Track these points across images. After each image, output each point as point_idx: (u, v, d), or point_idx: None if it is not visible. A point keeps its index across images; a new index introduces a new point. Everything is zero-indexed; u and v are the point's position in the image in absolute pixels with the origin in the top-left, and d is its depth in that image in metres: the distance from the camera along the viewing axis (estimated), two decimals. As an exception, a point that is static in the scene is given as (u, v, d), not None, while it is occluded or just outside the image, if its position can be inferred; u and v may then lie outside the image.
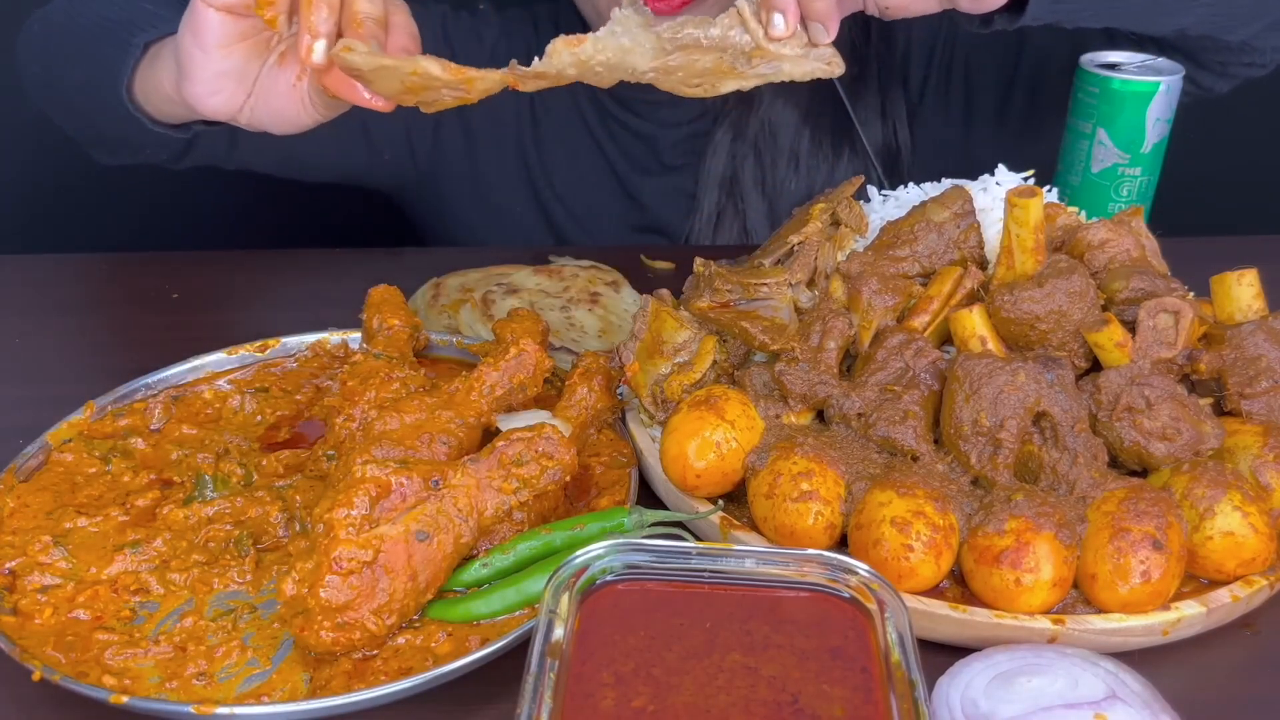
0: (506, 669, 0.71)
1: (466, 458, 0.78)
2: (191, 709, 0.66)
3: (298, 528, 0.81)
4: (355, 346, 1.03)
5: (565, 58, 0.82)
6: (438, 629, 0.72)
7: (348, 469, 0.74)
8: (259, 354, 1.02)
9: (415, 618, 0.73)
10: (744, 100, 1.33)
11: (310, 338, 1.04)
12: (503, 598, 0.73)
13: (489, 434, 0.85)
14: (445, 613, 0.73)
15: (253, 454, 0.89)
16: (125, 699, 0.66)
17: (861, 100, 1.36)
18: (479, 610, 0.73)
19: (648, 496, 0.88)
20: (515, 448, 0.78)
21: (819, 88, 1.30)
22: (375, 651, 0.71)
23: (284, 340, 1.03)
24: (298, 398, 0.97)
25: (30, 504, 0.83)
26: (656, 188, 1.41)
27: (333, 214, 1.76)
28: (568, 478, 0.80)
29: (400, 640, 0.72)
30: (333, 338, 1.04)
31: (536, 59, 0.82)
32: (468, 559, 0.76)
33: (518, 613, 0.73)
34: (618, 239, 1.43)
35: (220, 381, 0.99)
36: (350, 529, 0.70)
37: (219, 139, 1.16)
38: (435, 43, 1.30)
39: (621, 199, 1.42)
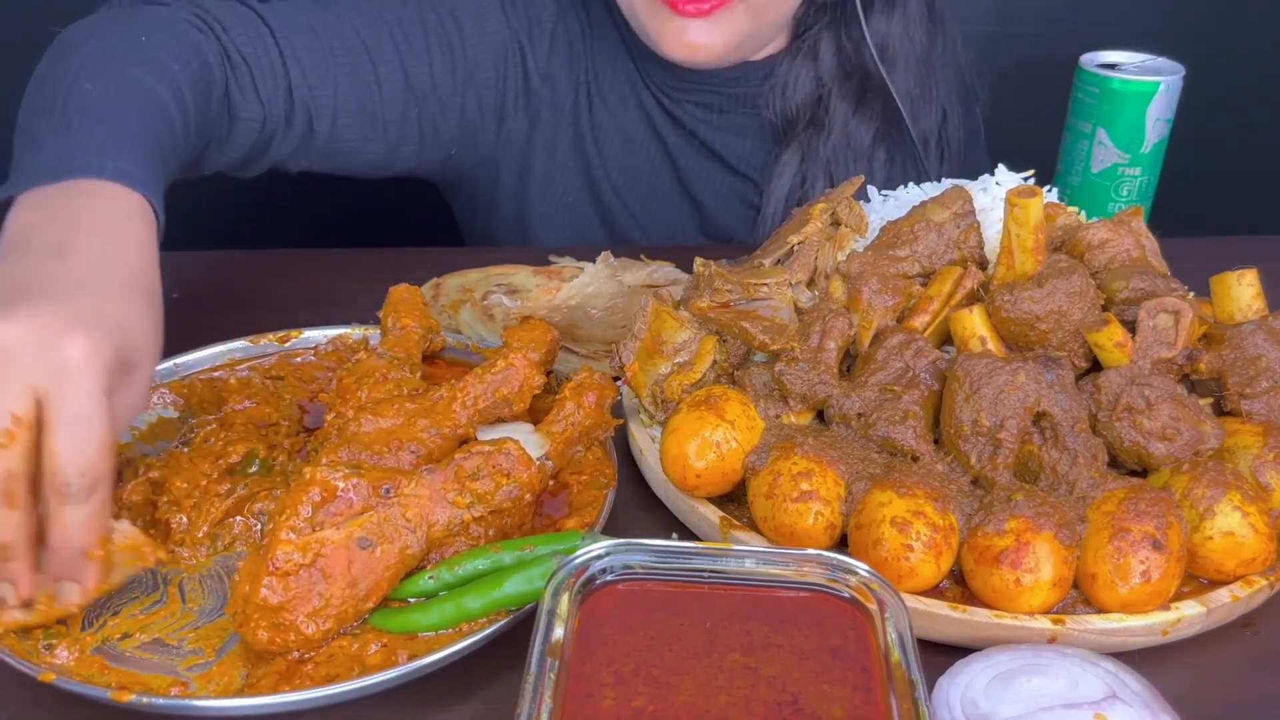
0: (455, 678, 0.71)
1: (425, 468, 0.76)
2: (109, 695, 0.66)
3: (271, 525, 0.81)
4: (375, 343, 1.03)
5: (542, 301, 1.12)
6: (374, 638, 0.71)
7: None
8: (280, 344, 1.03)
9: (356, 624, 0.72)
10: (815, 123, 1.30)
11: (332, 331, 1.04)
12: (441, 612, 0.72)
13: None
14: (386, 622, 0.72)
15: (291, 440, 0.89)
16: (53, 678, 0.66)
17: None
18: (419, 622, 0.72)
19: (644, 500, 0.88)
20: (473, 461, 0.77)
21: (892, 111, 1.29)
22: (311, 654, 0.70)
23: (306, 333, 1.04)
24: (311, 387, 0.97)
25: None
26: (719, 188, 1.37)
27: (335, 211, 1.76)
28: (528, 496, 0.78)
29: (342, 646, 0.71)
30: (354, 333, 1.04)
31: (512, 303, 1.11)
32: (420, 569, 0.75)
33: (453, 629, 0.72)
34: (676, 235, 1.39)
35: (241, 368, 0.99)
36: (291, 530, 0.69)
37: (296, 147, 1.15)
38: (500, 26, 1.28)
39: (682, 196, 1.38)
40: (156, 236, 0.81)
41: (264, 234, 1.91)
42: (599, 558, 0.65)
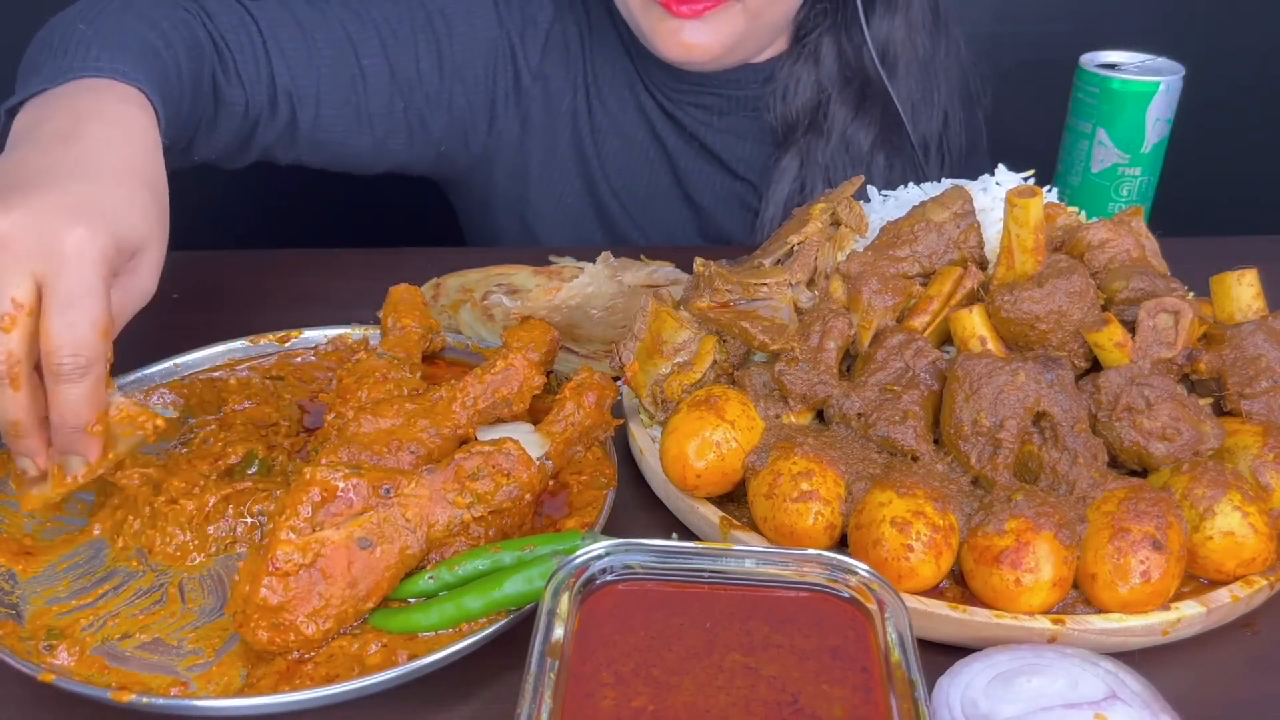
0: (455, 678, 0.71)
1: (425, 468, 0.77)
2: (109, 695, 0.66)
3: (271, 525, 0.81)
4: (375, 343, 1.03)
5: (542, 301, 1.11)
6: (374, 638, 0.71)
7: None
8: (280, 344, 1.03)
9: (356, 624, 0.72)
10: (814, 128, 1.30)
11: (332, 331, 1.04)
12: (441, 612, 0.71)
13: None
14: (386, 622, 0.72)
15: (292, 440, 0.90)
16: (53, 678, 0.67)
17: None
18: (419, 622, 0.71)
19: (644, 500, 0.88)
20: (473, 461, 0.77)
21: (892, 116, 1.29)
22: (311, 654, 0.70)
23: (306, 333, 1.04)
24: (311, 387, 0.98)
25: None
26: (718, 191, 1.37)
27: (335, 212, 1.76)
28: (527, 496, 0.78)
29: (342, 646, 0.71)
30: (354, 333, 1.04)
31: (512, 303, 1.11)
32: (420, 569, 0.75)
33: (453, 629, 0.71)
34: (675, 237, 1.39)
35: (241, 368, 1.00)
36: (291, 531, 0.69)
37: (280, 134, 1.16)
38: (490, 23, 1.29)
39: (681, 198, 1.38)
40: (158, 129, 0.84)
41: (263, 234, 1.91)
42: (599, 558, 0.65)
